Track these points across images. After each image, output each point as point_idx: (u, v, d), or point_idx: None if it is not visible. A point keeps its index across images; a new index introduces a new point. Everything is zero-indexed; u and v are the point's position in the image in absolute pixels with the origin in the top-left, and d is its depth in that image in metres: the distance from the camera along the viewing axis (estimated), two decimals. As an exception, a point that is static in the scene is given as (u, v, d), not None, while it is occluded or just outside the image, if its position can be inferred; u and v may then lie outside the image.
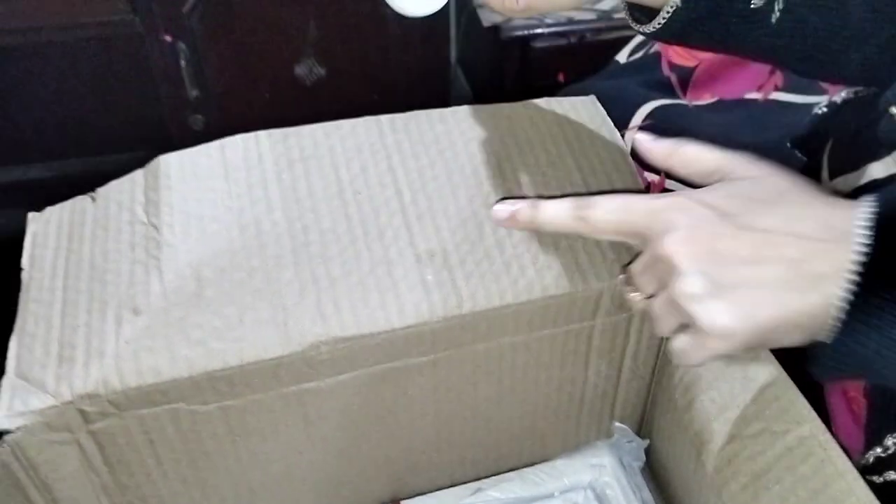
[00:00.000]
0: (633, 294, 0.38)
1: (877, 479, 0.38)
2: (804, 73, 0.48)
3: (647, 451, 0.51)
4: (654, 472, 0.51)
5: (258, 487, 0.45)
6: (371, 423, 0.44)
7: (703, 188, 0.36)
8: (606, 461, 0.50)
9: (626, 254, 0.42)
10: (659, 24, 0.41)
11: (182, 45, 0.95)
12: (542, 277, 0.41)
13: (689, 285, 0.31)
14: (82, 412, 0.37)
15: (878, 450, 0.39)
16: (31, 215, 0.44)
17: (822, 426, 0.36)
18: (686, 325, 0.34)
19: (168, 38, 0.95)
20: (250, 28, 0.96)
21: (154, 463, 0.41)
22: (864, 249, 0.29)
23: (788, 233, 0.31)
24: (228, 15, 0.95)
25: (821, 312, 0.30)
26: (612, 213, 0.36)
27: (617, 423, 0.50)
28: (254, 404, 0.40)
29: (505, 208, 0.41)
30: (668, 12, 0.40)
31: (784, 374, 0.38)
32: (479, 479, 0.50)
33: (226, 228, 0.42)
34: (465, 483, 0.50)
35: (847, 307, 0.29)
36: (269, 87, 1.02)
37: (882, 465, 0.39)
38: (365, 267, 0.41)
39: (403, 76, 1.05)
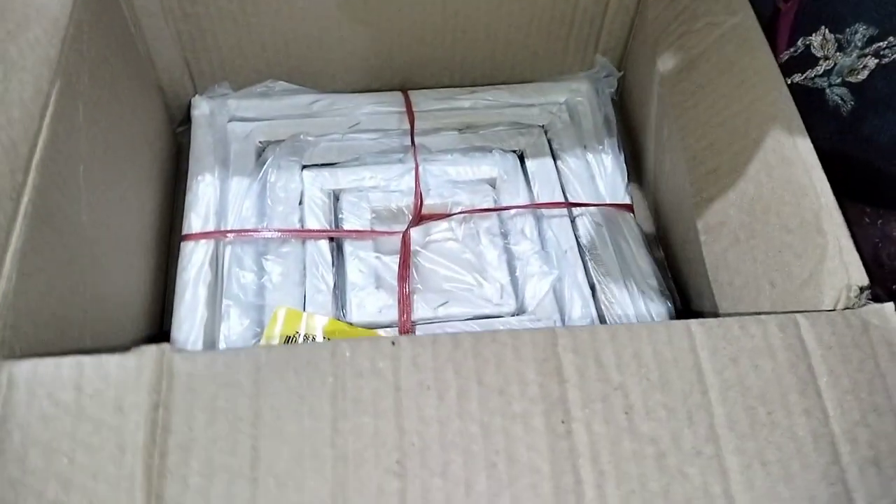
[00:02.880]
0: None
1: (786, 80, 0.46)
2: None
3: (622, 83, 0.59)
4: (623, 101, 0.60)
5: (292, 47, 0.54)
6: (389, 8, 0.52)
7: None
8: (583, 87, 0.59)
9: None
10: None
11: None
12: None
13: None
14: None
15: (791, 49, 0.46)
16: None
17: (754, 17, 0.43)
18: None
19: None
20: None
21: (213, -4, 0.50)
22: None
23: None
24: None
25: None
26: None
27: (599, 56, 0.58)
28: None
29: None
30: None
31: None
32: (475, 85, 0.59)
33: None
34: (462, 87, 0.59)
35: None
36: None
37: (791, 65, 0.46)
38: None
39: None
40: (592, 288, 0.49)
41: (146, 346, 0.27)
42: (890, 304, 0.33)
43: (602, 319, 0.48)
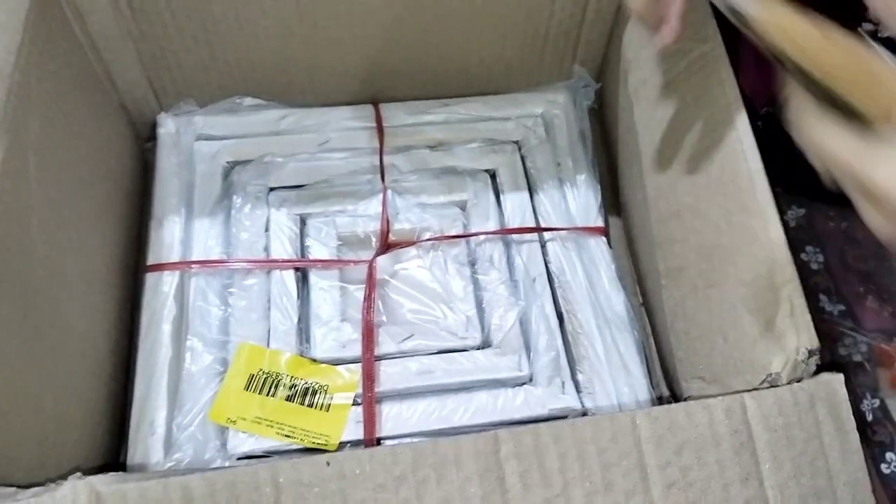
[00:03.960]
0: None
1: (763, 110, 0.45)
2: None
3: (601, 95, 0.58)
4: (601, 113, 0.59)
5: (257, 62, 0.53)
6: (358, 18, 0.51)
7: None
8: (561, 98, 0.57)
9: None
10: None
11: None
12: None
13: None
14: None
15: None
16: None
17: (722, 47, 0.42)
18: None
19: None
20: None
21: (170, 17, 0.49)
22: None
23: None
24: None
25: None
26: None
27: (577, 66, 0.57)
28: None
29: None
30: None
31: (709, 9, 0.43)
32: (449, 97, 0.57)
33: None
34: (437, 98, 0.57)
35: None
36: None
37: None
38: None
39: None
40: (560, 317, 0.49)
41: (75, 482, 0.27)
42: (839, 376, 0.32)
43: (568, 350, 0.47)
